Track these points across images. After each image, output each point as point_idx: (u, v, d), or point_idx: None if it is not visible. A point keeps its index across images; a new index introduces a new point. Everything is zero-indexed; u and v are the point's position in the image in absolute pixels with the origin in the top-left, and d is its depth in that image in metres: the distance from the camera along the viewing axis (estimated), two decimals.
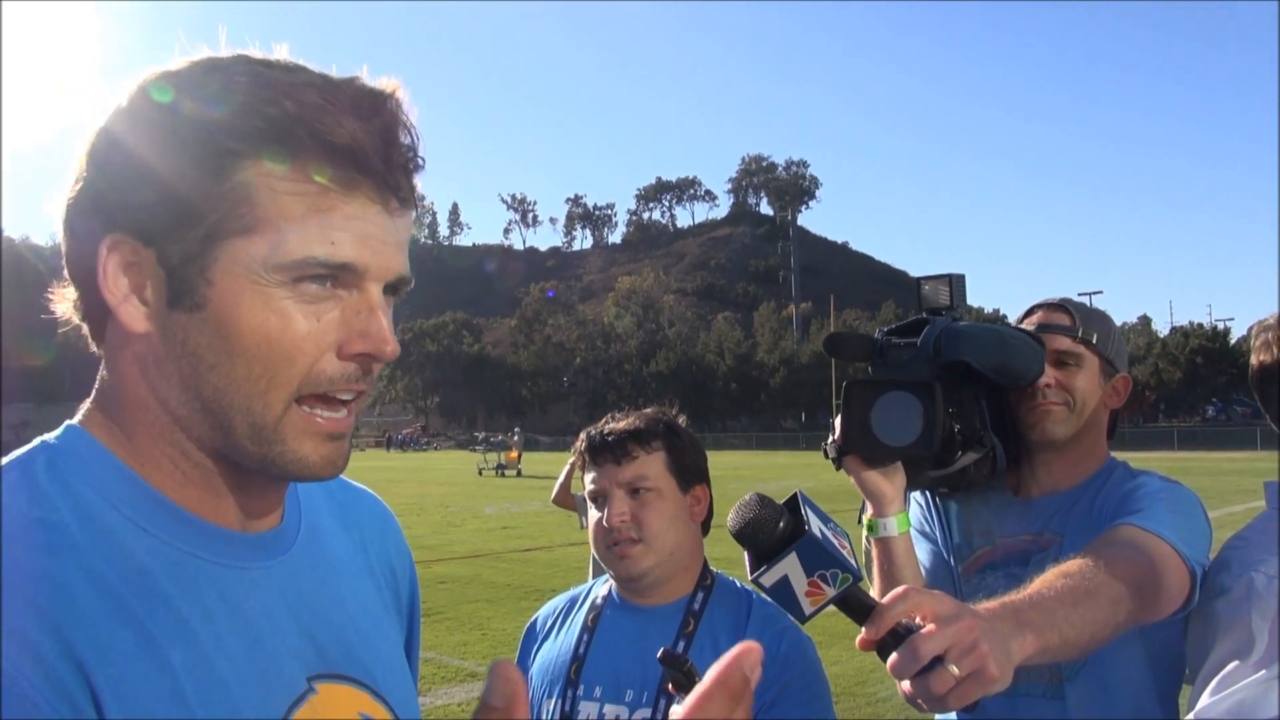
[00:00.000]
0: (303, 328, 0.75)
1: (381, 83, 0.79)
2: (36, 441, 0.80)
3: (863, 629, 1.08)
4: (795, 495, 1.12)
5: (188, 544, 0.78)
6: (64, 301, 0.82)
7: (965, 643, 1.04)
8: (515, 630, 9.10)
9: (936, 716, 1.89)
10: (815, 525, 1.07)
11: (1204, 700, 1.40)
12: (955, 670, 1.04)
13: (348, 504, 1.00)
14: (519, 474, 33.43)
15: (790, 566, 1.05)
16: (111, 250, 0.76)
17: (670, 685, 1.28)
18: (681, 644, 1.63)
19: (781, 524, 1.07)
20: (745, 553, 1.11)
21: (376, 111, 0.77)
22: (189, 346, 0.76)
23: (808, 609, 1.07)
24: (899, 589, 1.08)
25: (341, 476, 0.95)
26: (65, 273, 0.81)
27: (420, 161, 0.80)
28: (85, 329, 0.83)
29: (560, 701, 1.66)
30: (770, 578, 1.07)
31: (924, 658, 1.03)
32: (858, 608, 1.07)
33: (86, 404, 0.84)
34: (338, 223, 0.75)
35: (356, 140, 0.75)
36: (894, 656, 1.06)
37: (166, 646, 0.72)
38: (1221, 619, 1.45)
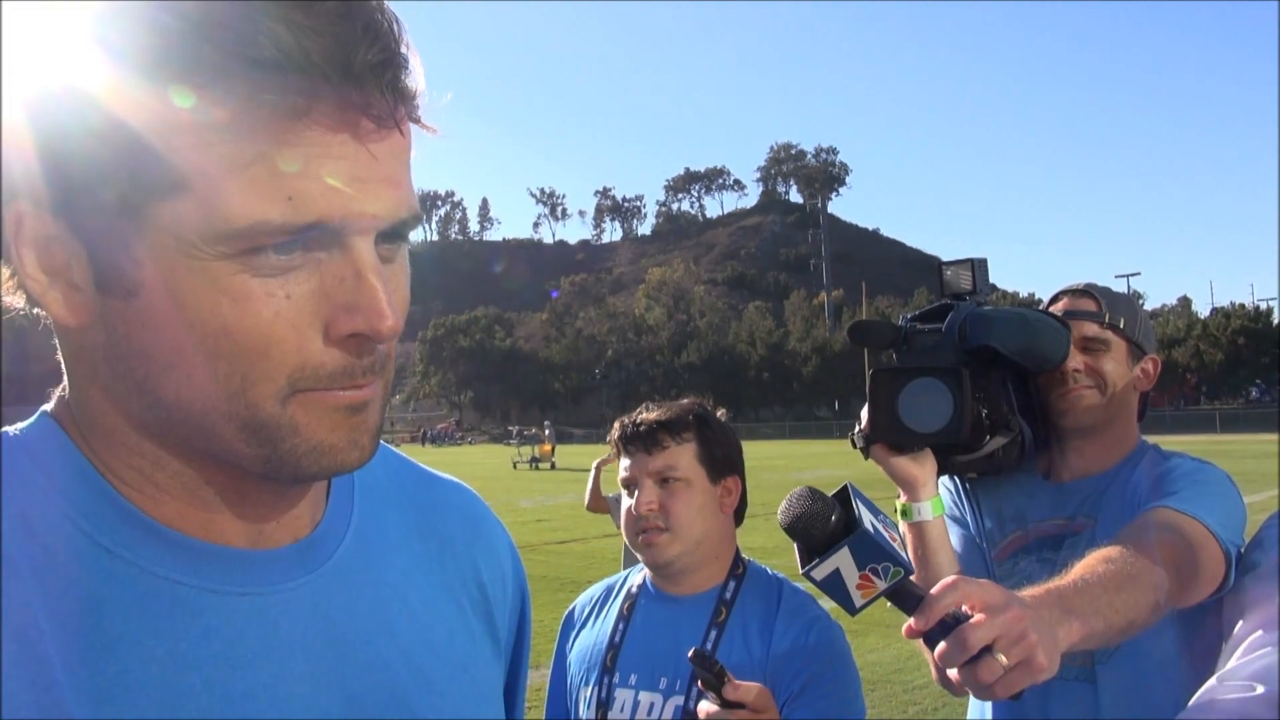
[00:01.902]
0: (269, 309, 0.57)
1: None
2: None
3: (910, 618, 1.08)
4: (846, 488, 1.12)
5: (163, 567, 0.62)
6: (5, 283, 0.64)
7: (1014, 632, 1.05)
8: (552, 621, 9.26)
9: (971, 701, 1.90)
10: (867, 519, 1.08)
11: (1231, 663, 1.41)
12: (1003, 660, 1.04)
13: (429, 506, 0.81)
14: (552, 467, 33.61)
15: (842, 560, 1.06)
16: (19, 224, 0.58)
17: (700, 683, 1.31)
18: (713, 633, 1.65)
19: (834, 518, 1.07)
20: (795, 545, 1.11)
21: (326, 12, 0.55)
22: (135, 343, 0.59)
23: (858, 601, 1.07)
24: (948, 579, 1.09)
25: (426, 469, 0.80)
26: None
27: (401, 58, 0.58)
28: (39, 312, 0.64)
29: (597, 689, 1.69)
30: (822, 571, 1.07)
31: (973, 647, 1.04)
32: (907, 598, 1.08)
33: (58, 390, 0.67)
34: (292, 167, 0.55)
35: (287, 47, 0.54)
36: (942, 646, 1.06)
37: (94, 712, 0.57)
38: (1252, 592, 1.47)
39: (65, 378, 0.66)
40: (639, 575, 1.81)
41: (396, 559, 0.74)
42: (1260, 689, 1.32)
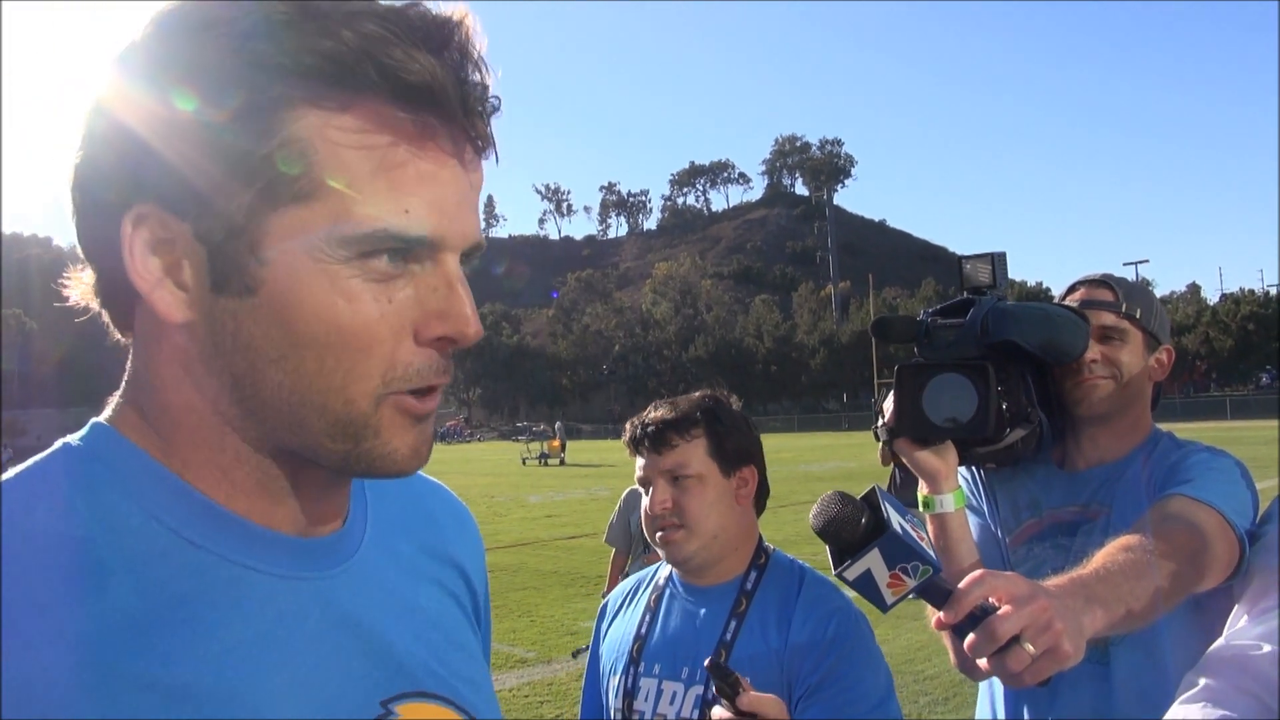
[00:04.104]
0: (375, 311, 0.63)
1: (448, 8, 0.64)
2: (57, 444, 0.68)
3: (940, 612, 1.14)
4: (873, 490, 1.16)
5: (241, 555, 0.67)
6: (79, 285, 0.70)
7: (1040, 622, 1.10)
8: (563, 616, 9.22)
9: (981, 688, 1.93)
10: (895, 520, 1.12)
11: (1238, 624, 1.45)
12: (1031, 649, 1.09)
13: (417, 498, 0.88)
14: (561, 463, 33.68)
15: (873, 561, 1.11)
16: (137, 226, 0.63)
17: (715, 690, 1.33)
18: (733, 623, 1.66)
19: (863, 520, 1.12)
20: (827, 548, 1.16)
21: (447, 43, 0.63)
22: (242, 338, 0.63)
23: (889, 599, 1.12)
24: (975, 573, 1.14)
25: None
26: (79, 251, 0.68)
27: (496, 102, 0.66)
28: (106, 316, 0.70)
29: (624, 678, 1.73)
30: (853, 572, 1.12)
31: (1001, 638, 1.09)
32: (936, 594, 1.14)
33: (115, 399, 0.71)
34: (410, 185, 0.62)
35: (434, 78, 0.61)
36: (971, 637, 1.11)
37: (203, 695, 0.61)
38: (1258, 561, 1.51)
39: (143, 373, 0.68)
40: (666, 569, 1.83)
41: (403, 545, 0.81)
42: (1267, 647, 1.37)
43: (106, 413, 0.70)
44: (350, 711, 0.68)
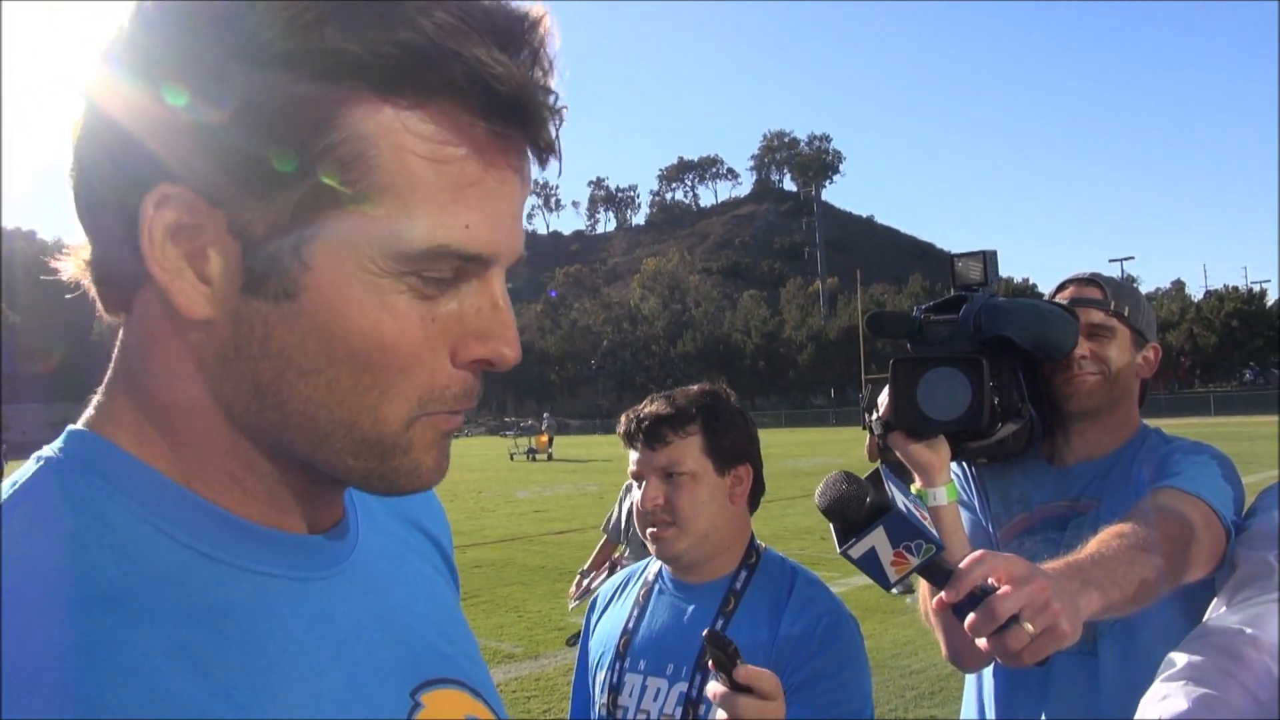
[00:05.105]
0: (419, 331, 0.58)
1: (527, 6, 0.58)
2: (35, 461, 0.60)
3: (941, 592, 1.16)
4: (878, 470, 1.18)
5: (262, 563, 0.62)
6: (70, 258, 0.62)
7: (1039, 602, 1.12)
8: (550, 612, 9.20)
9: (968, 680, 1.95)
10: (900, 500, 1.14)
11: (1220, 610, 1.48)
12: (1030, 628, 1.11)
13: None
14: (549, 458, 33.66)
15: (877, 539, 1.12)
16: (161, 207, 0.56)
17: (711, 663, 1.31)
18: (720, 622, 1.65)
19: (868, 500, 1.13)
20: (832, 526, 1.17)
21: (523, 44, 0.57)
22: (272, 345, 0.58)
23: (893, 577, 1.14)
24: (975, 553, 1.17)
25: None
26: (77, 219, 0.61)
27: (564, 111, 0.61)
28: (94, 293, 0.62)
29: (610, 673, 1.72)
30: (858, 550, 1.13)
31: (1001, 617, 1.11)
32: (937, 573, 1.16)
33: (98, 399, 0.64)
34: (474, 199, 0.57)
35: (518, 84, 0.56)
36: (971, 616, 1.13)
37: (259, 712, 0.57)
38: (1242, 551, 1.54)
39: (148, 368, 0.61)
40: (656, 564, 1.82)
41: (382, 516, 0.78)
42: (1248, 631, 1.39)
43: (89, 412, 0.63)
44: (391, 710, 0.66)
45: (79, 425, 0.63)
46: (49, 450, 0.61)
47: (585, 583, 4.87)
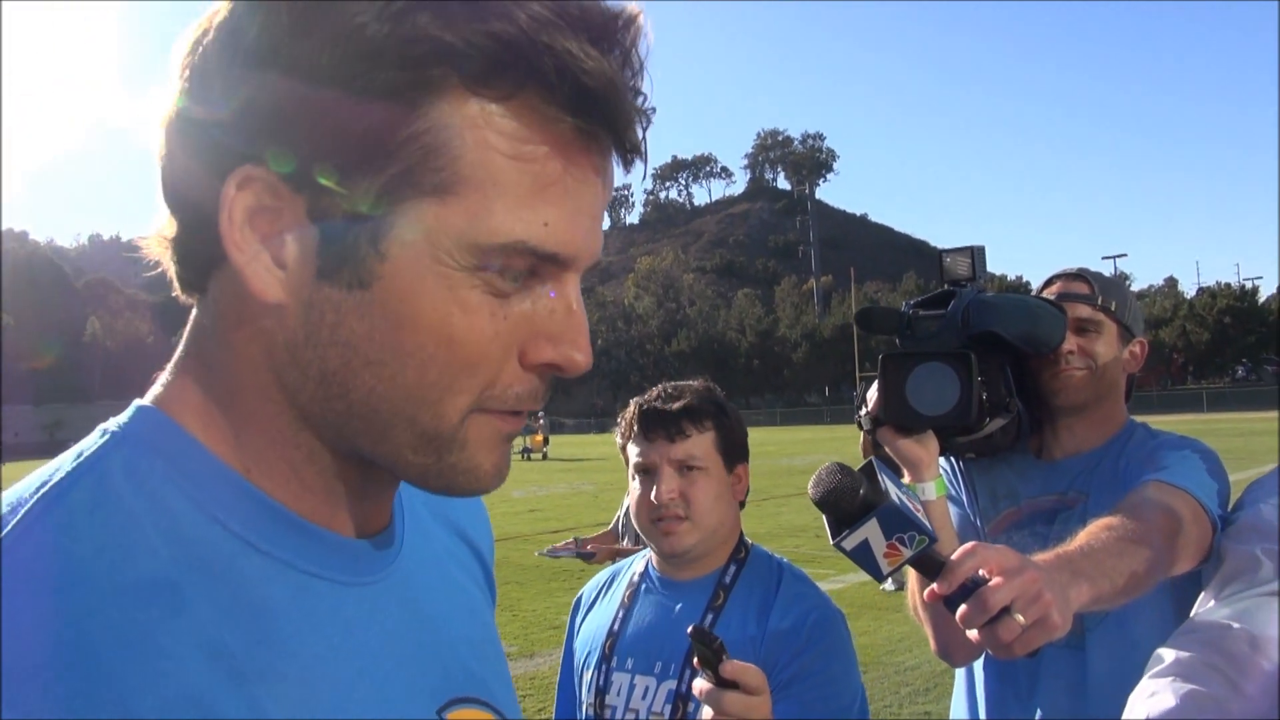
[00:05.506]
0: (490, 329, 0.57)
1: (623, 4, 0.57)
2: (100, 434, 0.60)
3: (933, 584, 1.17)
4: (871, 463, 1.19)
5: (307, 562, 0.61)
6: (153, 238, 0.62)
7: (1030, 593, 1.13)
8: (545, 611, 9.15)
9: (958, 674, 1.96)
10: (893, 492, 1.15)
11: (1208, 604, 1.49)
12: (1021, 619, 1.13)
13: None
14: (545, 457, 33.64)
15: (870, 531, 1.13)
16: (243, 188, 0.56)
17: (696, 659, 1.31)
18: (709, 616, 1.65)
19: (862, 492, 1.14)
20: (825, 518, 1.18)
21: (615, 41, 0.56)
22: (340, 334, 0.57)
23: (886, 569, 1.15)
24: (967, 545, 1.18)
25: None
26: (162, 198, 0.61)
27: (653, 113, 0.60)
28: (172, 272, 0.63)
29: (596, 673, 1.70)
30: (851, 541, 1.14)
31: (993, 608, 1.12)
32: (929, 565, 1.16)
33: (166, 376, 0.63)
34: (556, 196, 0.56)
35: (610, 82, 0.55)
36: (963, 608, 1.14)
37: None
38: (1229, 545, 1.55)
39: (216, 352, 0.61)
40: (641, 562, 1.81)
41: (435, 533, 0.77)
42: (1235, 625, 1.41)
43: (157, 389, 0.63)
44: None
45: (146, 401, 0.62)
46: (113, 424, 0.61)
47: (570, 544, 4.87)
